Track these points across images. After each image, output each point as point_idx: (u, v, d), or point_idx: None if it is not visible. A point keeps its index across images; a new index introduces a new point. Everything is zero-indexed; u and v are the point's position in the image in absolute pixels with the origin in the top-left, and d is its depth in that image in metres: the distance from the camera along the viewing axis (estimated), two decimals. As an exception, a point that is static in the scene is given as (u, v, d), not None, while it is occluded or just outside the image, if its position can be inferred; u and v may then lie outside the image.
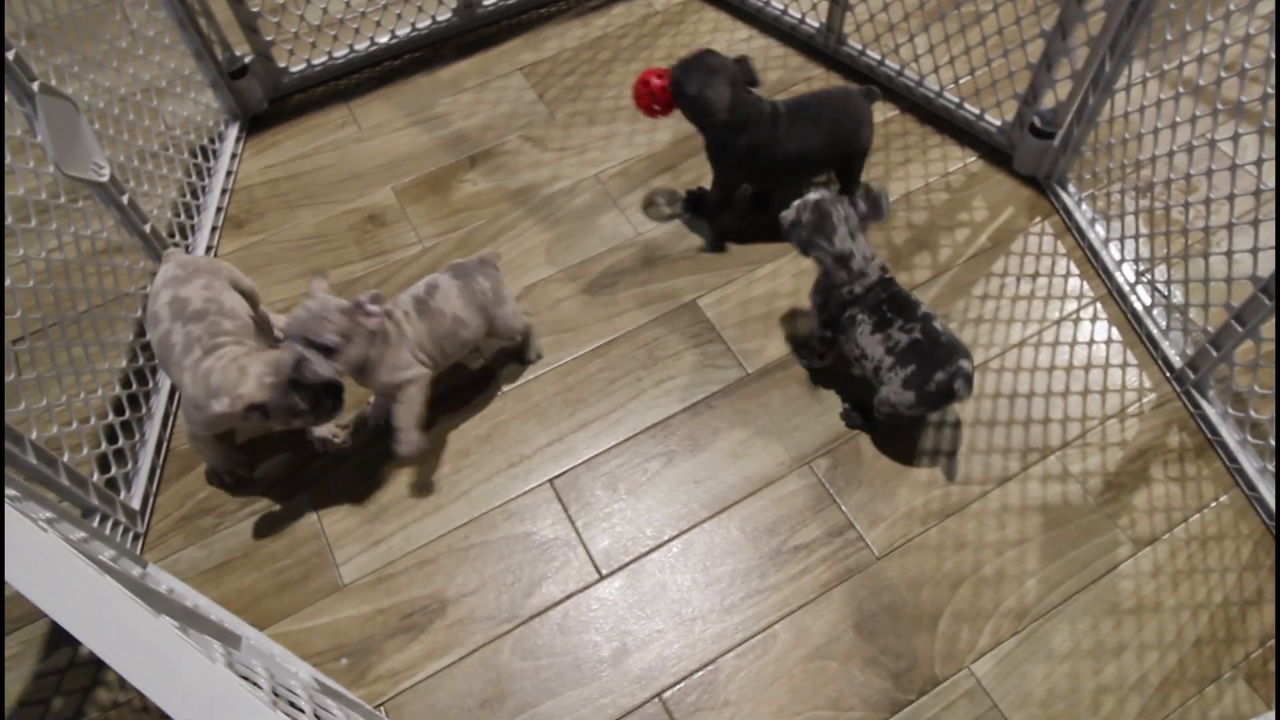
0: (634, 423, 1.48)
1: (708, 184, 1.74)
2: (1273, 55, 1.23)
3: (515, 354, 1.56)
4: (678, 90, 1.50)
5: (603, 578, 1.34)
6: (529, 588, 1.33)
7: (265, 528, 1.39)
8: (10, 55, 1.23)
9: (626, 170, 1.82)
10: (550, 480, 1.43)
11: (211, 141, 1.82)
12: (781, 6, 2.05)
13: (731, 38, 2.07)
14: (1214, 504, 1.38)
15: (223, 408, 1.19)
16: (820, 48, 2.01)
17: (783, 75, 1.98)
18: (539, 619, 1.30)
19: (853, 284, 1.36)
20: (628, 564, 1.35)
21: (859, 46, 1.95)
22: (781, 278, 1.65)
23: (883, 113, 1.90)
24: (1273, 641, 1.26)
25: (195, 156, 1.77)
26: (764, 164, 1.58)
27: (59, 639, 1.29)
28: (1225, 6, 1.32)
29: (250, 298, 1.42)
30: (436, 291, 1.37)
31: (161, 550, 1.37)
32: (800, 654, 1.26)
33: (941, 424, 1.46)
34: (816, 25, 2.00)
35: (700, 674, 1.25)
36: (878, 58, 1.93)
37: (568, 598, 1.32)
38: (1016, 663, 1.25)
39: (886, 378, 1.34)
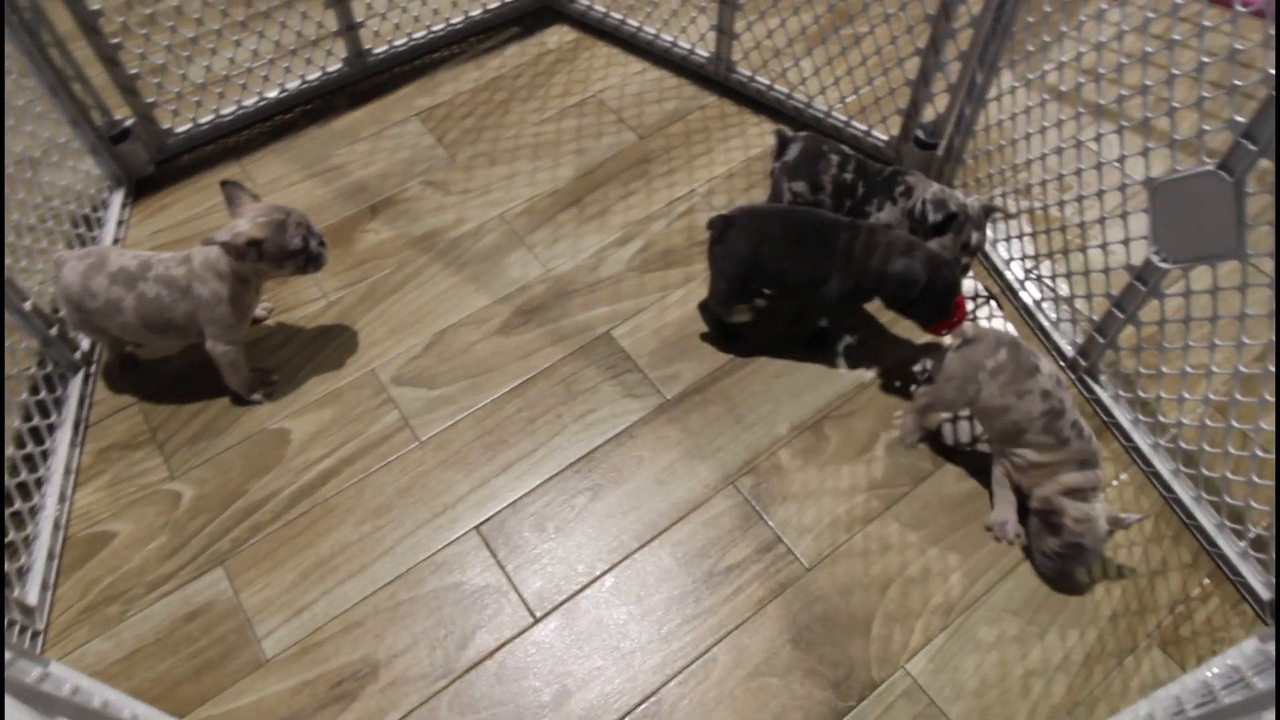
0: (557, 460, 1.47)
1: (616, 215, 1.76)
2: (1123, 59, 1.32)
3: (427, 404, 1.54)
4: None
5: (537, 620, 1.32)
6: (462, 639, 1.29)
7: (177, 609, 1.32)
8: None
9: (531, 208, 1.83)
10: (476, 527, 1.40)
11: (95, 209, 1.75)
12: (671, 39, 2.10)
13: (625, 71, 2.10)
14: (1115, 482, 1.45)
15: (224, 237, 1.31)
16: (711, 76, 2.07)
17: (678, 105, 2.02)
18: (475, 671, 1.27)
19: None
20: (562, 604, 1.33)
21: (748, 73, 2.01)
22: (692, 302, 1.67)
23: (776, 134, 1.95)
24: (1181, 606, 1.32)
25: (78, 226, 1.70)
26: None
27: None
28: (1077, 17, 1.41)
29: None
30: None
31: (65, 645, 1.29)
32: (741, 674, 1.26)
33: (856, 431, 1.50)
34: (706, 55, 2.05)
35: (644, 706, 1.24)
36: (767, 82, 1.99)
37: (503, 645, 1.29)
38: (948, 657, 1.28)
39: None
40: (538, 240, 1.77)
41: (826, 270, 1.46)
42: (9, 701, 0.56)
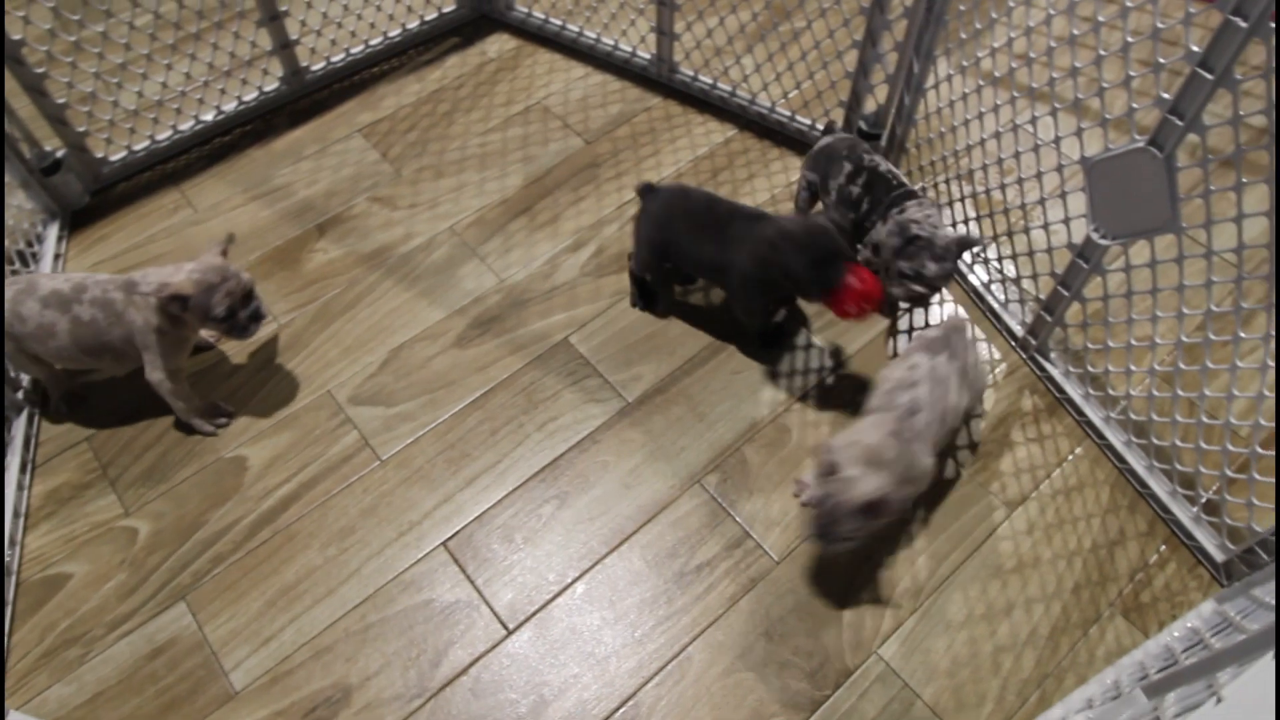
0: (522, 470, 1.47)
1: (567, 221, 1.76)
2: (1053, 43, 1.35)
3: (386, 423, 1.52)
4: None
5: (510, 632, 1.31)
6: (436, 657, 1.28)
7: (139, 647, 1.29)
8: None
9: (481, 218, 1.81)
10: (443, 543, 1.39)
11: (29, 244, 1.70)
12: (612, 42, 2.10)
13: (568, 77, 2.10)
14: (1070, 457, 1.48)
15: (149, 289, 1.30)
16: (654, 78, 2.07)
17: (623, 108, 2.02)
18: (450, 688, 1.26)
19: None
20: (534, 614, 1.32)
21: (691, 73, 2.02)
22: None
23: (723, 133, 1.97)
24: (1141, 574, 1.36)
25: (12, 263, 1.65)
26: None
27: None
28: (1006, 3, 1.44)
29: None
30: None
31: (25, 693, 1.25)
32: (717, 671, 1.27)
33: (817, 423, 1.51)
34: (649, 57, 2.05)
35: (622, 711, 1.24)
36: (710, 81, 2.00)
37: (477, 660, 1.28)
38: (919, 639, 1.29)
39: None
40: (490, 250, 1.76)
41: (723, 258, 1.46)
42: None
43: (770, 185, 1.86)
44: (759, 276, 1.42)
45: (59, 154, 1.75)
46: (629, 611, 1.32)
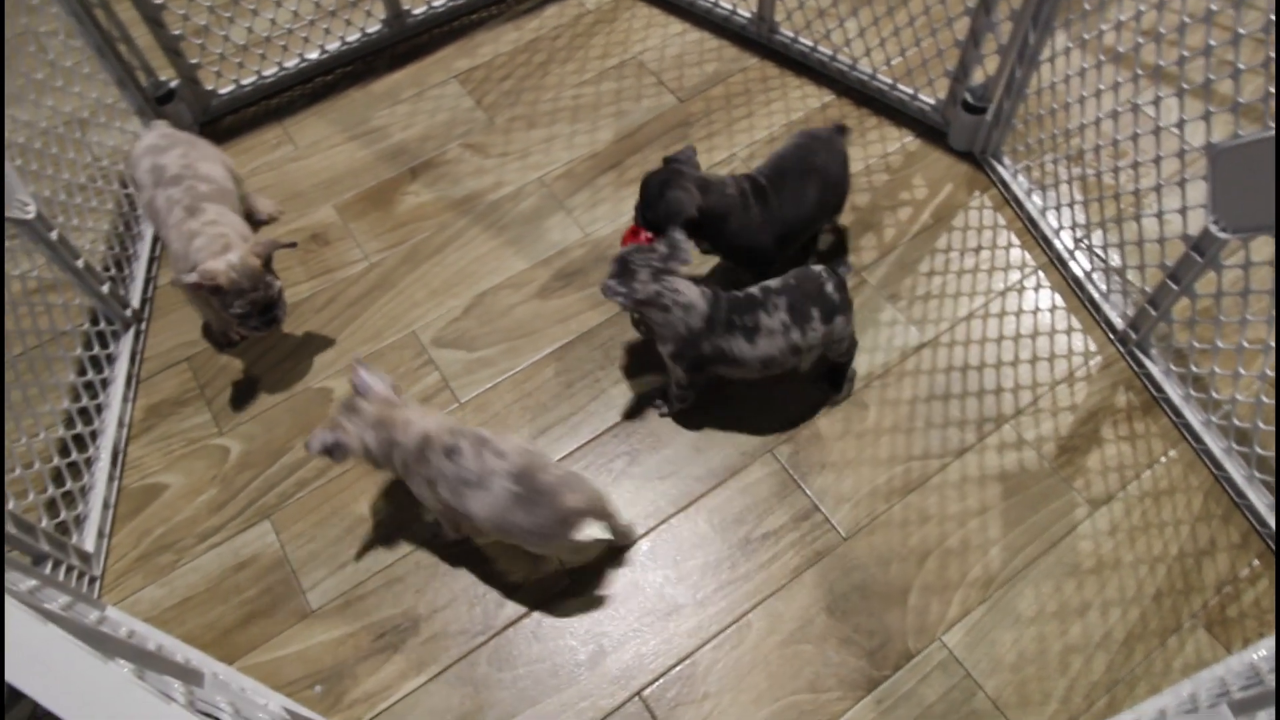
0: (595, 424, 1.48)
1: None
2: (1185, 19, 1.27)
3: (467, 366, 1.55)
4: (652, 227, 1.40)
5: (575, 581, 1.33)
6: (501, 597, 1.32)
7: (227, 560, 1.36)
8: (-81, 95, 1.19)
9: (570, 171, 1.82)
10: (515, 488, 1.42)
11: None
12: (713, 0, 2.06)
13: (666, 32, 2.07)
14: (1163, 459, 1.42)
15: (191, 280, 1.34)
16: (753, 38, 2.03)
17: (719, 67, 1.98)
18: (513, 628, 1.29)
19: (688, 319, 1.30)
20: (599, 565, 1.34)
21: (791, 34, 1.97)
22: (732, 270, 1.65)
23: (820, 98, 1.92)
24: (1229, 587, 1.30)
25: (126, 186, 1.73)
26: (764, 244, 1.45)
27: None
28: (1139, -25, 1.35)
29: (234, 180, 1.59)
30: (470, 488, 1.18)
31: (120, 592, 1.34)
32: (775, 640, 1.27)
33: (897, 401, 1.48)
34: (748, 16, 2.01)
35: (678, 669, 1.25)
36: (810, 44, 1.95)
37: (540, 604, 1.31)
38: (985, 630, 1.27)
39: (806, 344, 1.33)
40: (577, 204, 1.76)
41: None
42: (72, 642, 0.59)
43: (865, 155, 1.81)
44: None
45: (172, 84, 1.81)
46: (692, 573, 1.33)
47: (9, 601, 0.59)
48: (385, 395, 1.23)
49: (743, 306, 1.33)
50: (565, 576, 1.33)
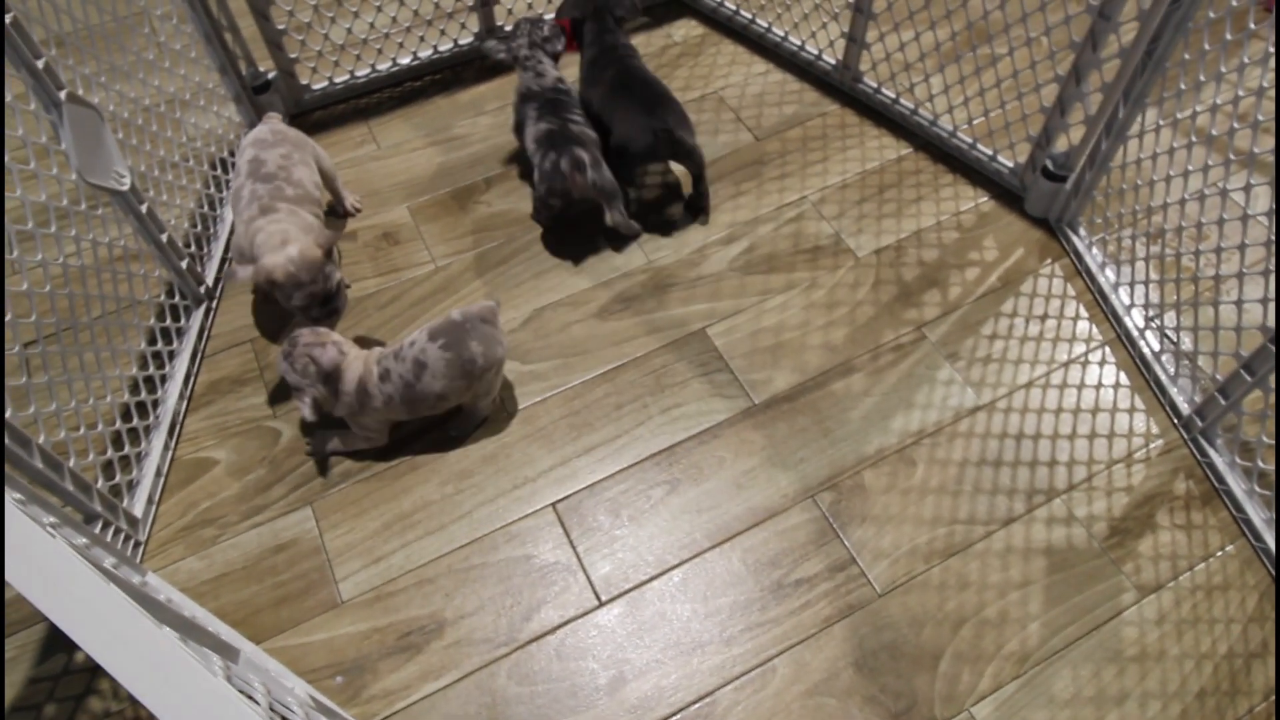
0: (639, 449, 1.48)
1: (723, 214, 1.76)
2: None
3: (519, 378, 1.57)
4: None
5: (602, 604, 1.33)
6: (527, 612, 1.32)
7: (266, 541, 1.38)
8: (40, 64, 1.25)
9: (640, 197, 1.83)
10: (553, 504, 1.43)
11: (231, 154, 1.84)
12: (799, 42, 2.07)
13: (749, 71, 2.09)
14: (1220, 553, 1.37)
15: (246, 275, 1.38)
16: (836, 84, 2.04)
17: (798, 110, 2.00)
18: (536, 644, 1.29)
19: (530, 83, 1.73)
20: (628, 591, 1.34)
21: (874, 84, 1.97)
22: (791, 309, 1.65)
23: (896, 150, 1.91)
24: (1275, 696, 1.25)
25: (214, 168, 1.79)
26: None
27: (55, 645, 1.29)
28: (1239, 59, 1.33)
29: (326, 176, 1.68)
30: (424, 372, 1.36)
31: (161, 559, 1.37)
32: (799, 689, 1.25)
33: (946, 461, 1.46)
34: (833, 62, 2.02)
35: (697, 706, 1.24)
36: (892, 95, 1.95)
37: (566, 623, 1.31)
38: (1017, 707, 1.23)
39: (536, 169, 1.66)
40: (644, 230, 1.78)
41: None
42: (128, 601, 0.60)
43: (937, 211, 1.80)
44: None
45: (270, 75, 1.88)
46: (721, 610, 1.32)
47: (76, 557, 0.61)
48: (333, 358, 1.36)
49: (558, 104, 1.69)
50: (593, 598, 1.33)
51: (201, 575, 1.35)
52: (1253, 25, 1.28)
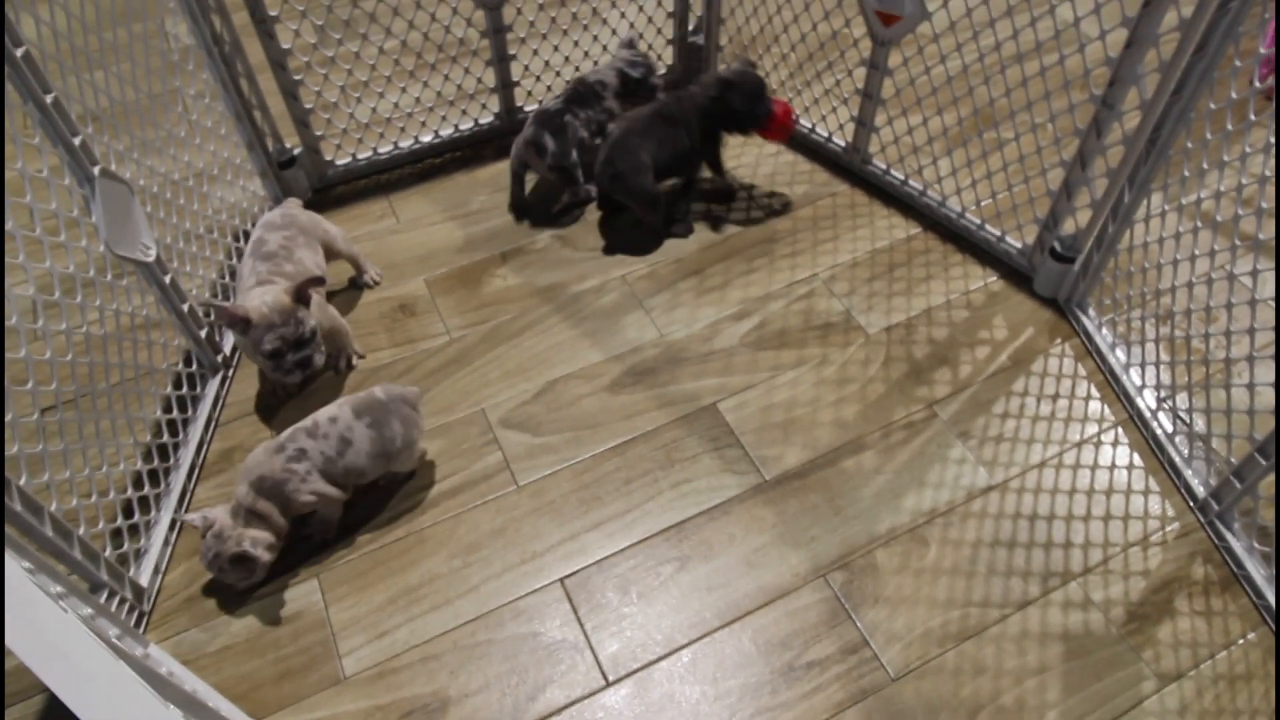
0: (649, 524, 1.47)
1: (735, 289, 1.79)
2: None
3: (529, 450, 1.57)
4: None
5: (609, 684, 1.30)
6: (533, 691, 1.29)
7: (271, 613, 1.37)
8: (76, 140, 1.30)
9: (654, 273, 1.87)
10: (561, 579, 1.41)
11: (254, 226, 1.89)
12: (810, 125, 2.13)
13: (760, 151, 2.15)
14: (1241, 641, 1.34)
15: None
16: (846, 165, 2.09)
17: (809, 189, 2.04)
18: (541, 725, 1.26)
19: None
20: (636, 671, 1.31)
21: (883, 166, 2.02)
22: (802, 385, 1.66)
23: (906, 229, 1.95)
24: (1309, 795, 1.20)
25: (237, 240, 1.84)
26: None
27: (55, 717, 1.26)
28: (1242, 146, 1.36)
29: (345, 254, 1.76)
30: (349, 449, 1.38)
31: (165, 630, 1.35)
32: (811, 779, 1.21)
33: (960, 542, 1.44)
34: (843, 144, 2.07)
35: (706, 795, 1.20)
36: (901, 177, 1.99)
37: (572, 704, 1.28)
38: (1038, 803, 1.19)
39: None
40: (656, 304, 1.80)
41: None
42: (135, 679, 0.60)
43: (947, 290, 1.82)
44: (708, 113, 1.86)
45: (295, 151, 1.94)
46: (730, 692, 1.29)
47: (87, 633, 0.61)
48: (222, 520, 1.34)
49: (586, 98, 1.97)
50: (600, 678, 1.30)
51: (204, 647, 1.33)
52: (1253, 116, 1.31)
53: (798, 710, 1.27)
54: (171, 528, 1.45)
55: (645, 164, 1.83)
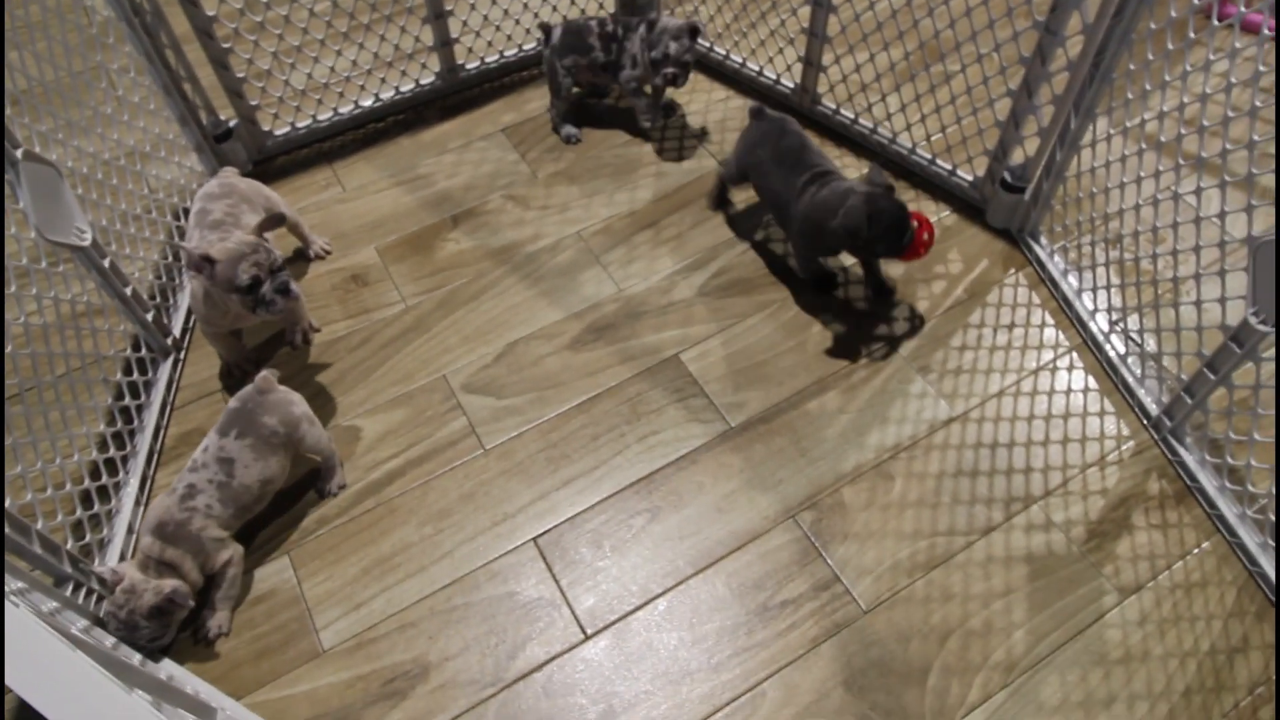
0: (618, 479, 1.48)
1: (691, 240, 1.78)
2: (1230, 113, 1.28)
3: (494, 413, 1.56)
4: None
5: (588, 638, 1.32)
6: (513, 650, 1.30)
7: (243, 593, 1.36)
8: (-5, 123, 1.24)
9: (608, 228, 1.85)
10: (534, 539, 1.42)
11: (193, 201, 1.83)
12: (757, 68, 2.11)
13: (709, 98, 2.12)
14: (1196, 551, 1.39)
15: (189, 244, 1.38)
16: (795, 107, 2.07)
17: (759, 133, 2.02)
18: (523, 682, 1.27)
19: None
20: (613, 623, 1.33)
21: (832, 106, 2.01)
22: (762, 331, 1.66)
23: (858, 168, 1.94)
24: (1262, 689, 1.25)
25: (178, 219, 1.78)
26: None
27: (27, 716, 1.25)
28: (1182, 66, 1.37)
29: (289, 222, 1.70)
30: (234, 466, 1.31)
31: (136, 618, 1.34)
32: (790, 712, 1.24)
33: (924, 474, 1.47)
34: (791, 86, 2.05)
35: (688, 736, 1.23)
36: (851, 116, 1.98)
37: (552, 659, 1.29)
38: (1007, 717, 1.23)
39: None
40: (613, 260, 1.79)
41: (788, 195, 1.63)
42: (95, 667, 0.59)
43: (901, 227, 1.82)
44: (839, 229, 1.53)
45: (231, 124, 1.88)
46: (708, 636, 1.31)
47: (40, 625, 0.60)
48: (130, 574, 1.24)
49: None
50: (579, 632, 1.32)
51: (180, 634, 1.32)
52: (1192, 34, 1.31)
53: (774, 648, 1.30)
54: (135, 514, 1.42)
55: (738, 156, 1.77)
